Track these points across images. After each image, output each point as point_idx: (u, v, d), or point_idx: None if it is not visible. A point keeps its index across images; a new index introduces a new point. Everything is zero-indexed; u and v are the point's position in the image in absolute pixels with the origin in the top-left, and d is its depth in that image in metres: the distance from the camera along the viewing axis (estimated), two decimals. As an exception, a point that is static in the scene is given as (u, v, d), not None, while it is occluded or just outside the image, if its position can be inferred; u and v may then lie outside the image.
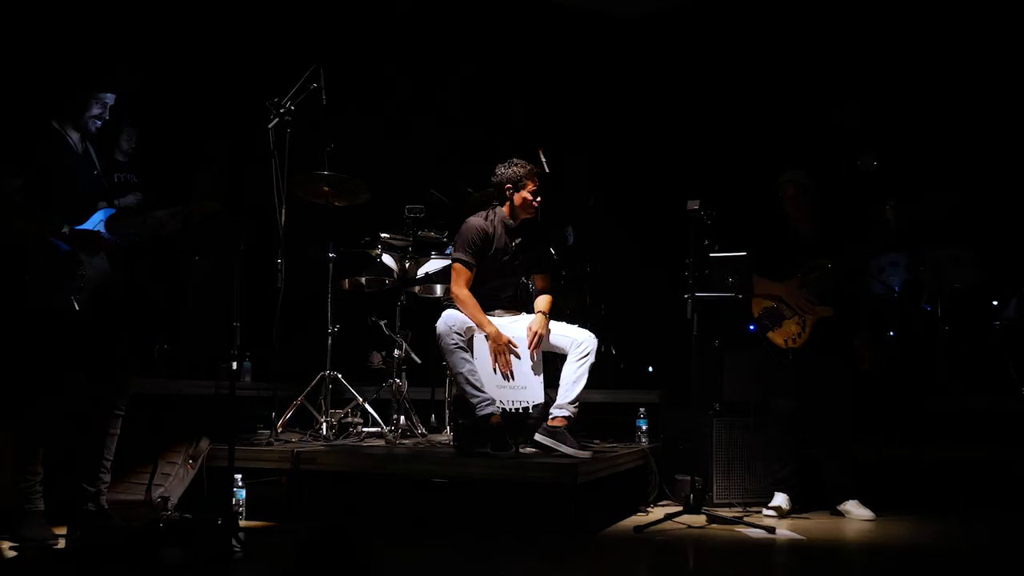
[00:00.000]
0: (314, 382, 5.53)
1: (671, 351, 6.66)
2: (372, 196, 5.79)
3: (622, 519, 5.02)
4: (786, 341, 5.39)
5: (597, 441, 5.88)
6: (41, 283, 3.81)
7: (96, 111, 4.09)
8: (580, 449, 4.82)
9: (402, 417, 5.64)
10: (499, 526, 4.51)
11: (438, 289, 5.97)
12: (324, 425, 5.43)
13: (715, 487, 5.80)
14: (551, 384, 5.09)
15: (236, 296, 4.10)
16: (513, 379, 4.95)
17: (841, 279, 5.33)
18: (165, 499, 4.52)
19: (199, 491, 4.77)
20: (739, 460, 5.82)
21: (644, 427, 6.16)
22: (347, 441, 5.39)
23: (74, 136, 4.10)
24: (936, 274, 7.12)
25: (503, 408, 4.93)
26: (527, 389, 4.99)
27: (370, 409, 5.52)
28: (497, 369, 4.93)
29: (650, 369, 7.90)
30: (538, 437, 4.83)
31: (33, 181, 3.88)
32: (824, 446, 5.50)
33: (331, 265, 5.68)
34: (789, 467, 5.51)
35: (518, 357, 4.97)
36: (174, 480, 4.64)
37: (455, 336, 4.81)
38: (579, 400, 4.99)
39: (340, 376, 5.56)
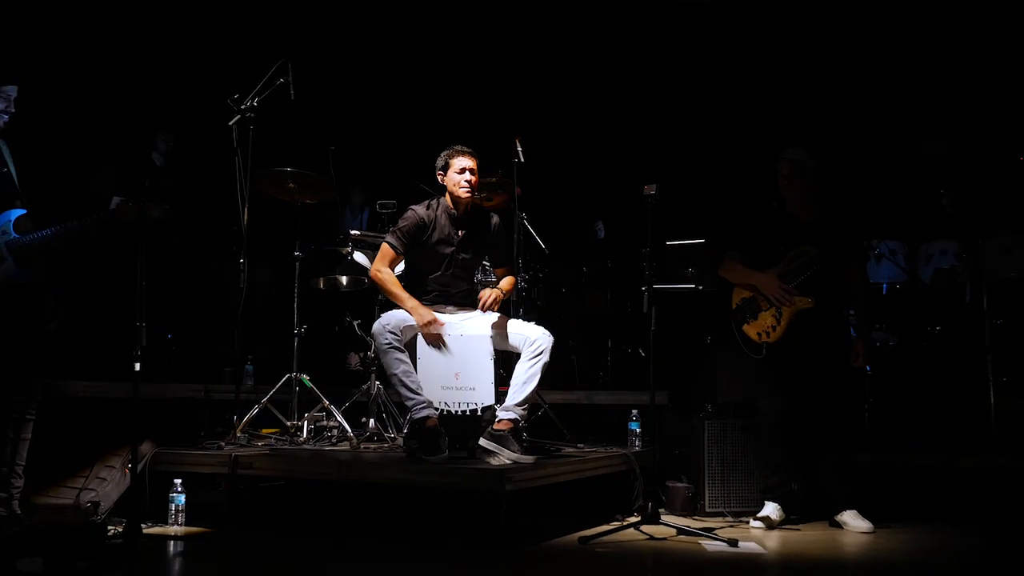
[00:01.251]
0: (279, 384, 5.38)
1: (681, 350, 6.31)
2: (338, 192, 5.64)
3: (584, 529, 4.68)
4: (759, 335, 4.97)
5: (581, 445, 5.57)
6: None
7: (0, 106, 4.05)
8: (523, 454, 4.52)
9: (372, 420, 5.44)
10: (431, 535, 4.29)
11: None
12: (300, 428, 5.28)
13: (707, 494, 5.42)
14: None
15: (140, 295, 3.98)
16: (458, 378, 4.70)
17: (825, 267, 4.85)
18: (96, 504, 4.44)
19: (140, 496, 4.67)
20: (734, 465, 5.42)
21: (637, 430, 5.81)
22: (310, 446, 5.21)
23: (-22, 136, 4.06)
24: (975, 263, 6.47)
25: (448, 410, 4.68)
26: (475, 390, 4.72)
27: (336, 413, 5.33)
28: (442, 369, 4.69)
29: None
30: (482, 442, 4.56)
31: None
32: (817, 451, 5.04)
33: (298, 264, 5.54)
34: (779, 474, 5.09)
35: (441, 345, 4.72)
36: (109, 484, 4.57)
37: (388, 335, 4.59)
38: (529, 402, 4.70)
39: (307, 378, 5.40)
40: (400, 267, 5.57)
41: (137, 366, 3.96)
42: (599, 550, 4.25)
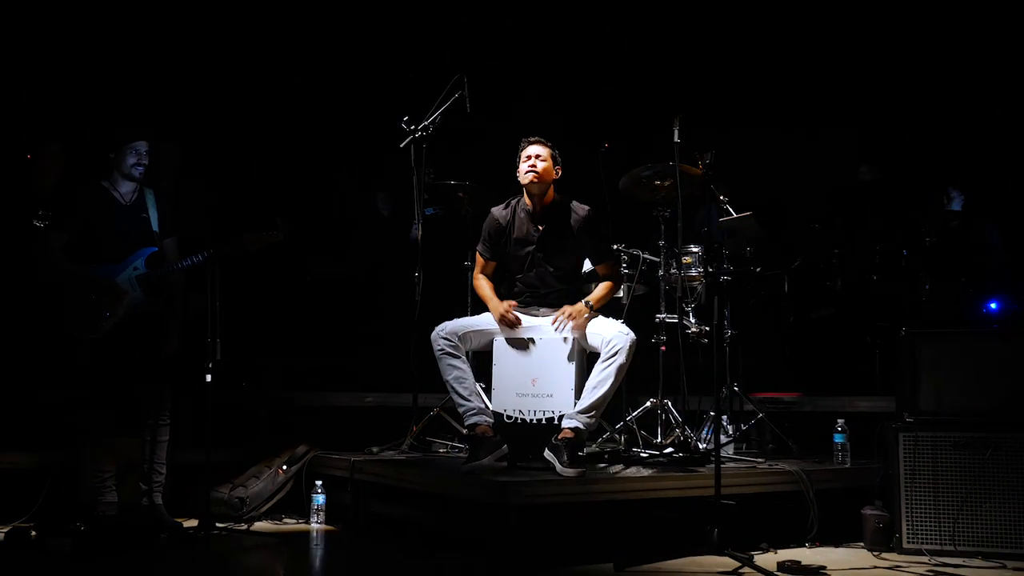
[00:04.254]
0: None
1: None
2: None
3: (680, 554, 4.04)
4: None
5: (761, 459, 4.86)
6: (68, 314, 4.63)
7: (132, 160, 4.78)
8: (570, 466, 4.07)
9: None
10: (461, 547, 4.14)
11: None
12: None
13: (904, 526, 4.37)
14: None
15: (210, 312, 4.44)
16: (535, 384, 4.41)
17: None
18: (242, 500, 4.99)
19: (297, 495, 5.14)
20: (945, 492, 4.30)
21: (842, 443, 4.87)
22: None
23: (124, 188, 4.84)
24: None
25: (523, 418, 4.42)
26: (553, 398, 4.39)
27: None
28: (519, 374, 4.45)
29: None
30: (545, 452, 4.22)
31: (79, 232, 4.73)
32: None
33: (470, 273, 5.61)
34: None
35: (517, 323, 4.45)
36: (261, 483, 5.09)
37: (442, 342, 4.47)
38: (596, 408, 4.23)
39: (482, 386, 5.42)
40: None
41: (208, 377, 4.40)
42: (620, 580, 3.69)
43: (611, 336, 4.27)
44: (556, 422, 4.36)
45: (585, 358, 4.46)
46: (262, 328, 6.68)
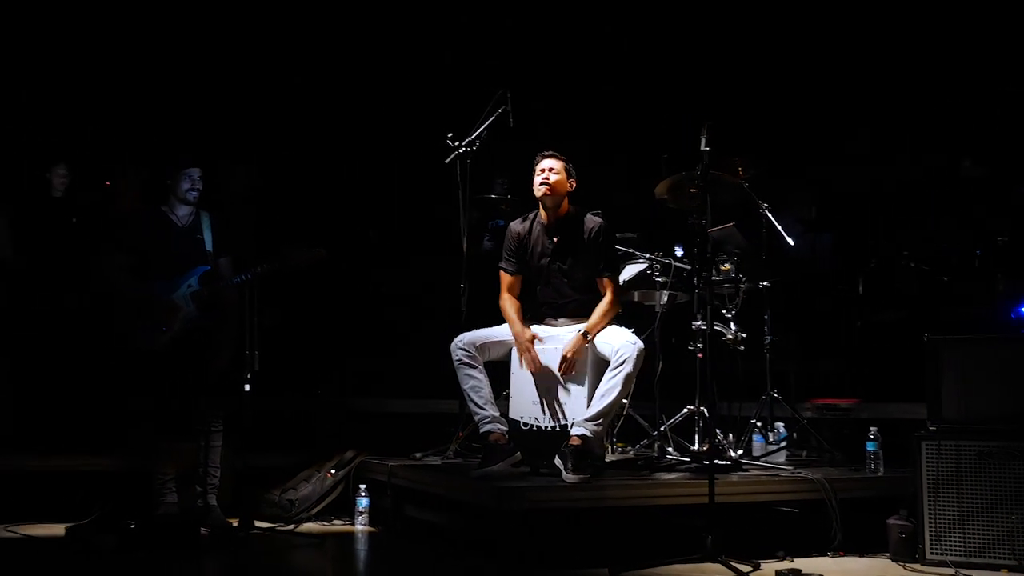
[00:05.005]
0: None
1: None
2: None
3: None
4: None
5: (791, 467, 4.84)
6: (129, 329, 5.03)
7: (186, 185, 5.13)
8: (574, 472, 4.17)
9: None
10: (482, 550, 4.27)
11: (635, 295, 5.51)
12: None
13: (927, 536, 4.30)
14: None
15: (249, 326, 4.75)
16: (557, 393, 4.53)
17: None
18: (292, 502, 5.29)
19: (348, 498, 5.40)
20: (972, 502, 4.21)
21: (874, 450, 4.81)
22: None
23: (181, 211, 5.20)
24: None
25: (538, 425, 4.54)
26: (567, 405, 4.50)
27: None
28: (535, 382, 4.57)
29: None
30: (555, 459, 4.33)
31: (139, 253, 5.13)
32: None
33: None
34: None
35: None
36: (310, 487, 5.38)
37: (459, 352, 4.63)
38: (603, 416, 4.31)
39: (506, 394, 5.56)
40: (636, 268, 5.48)
41: (247, 387, 4.71)
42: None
43: (619, 345, 4.35)
44: (569, 429, 4.46)
45: (600, 367, 4.53)
46: (334, 336, 7.02)
